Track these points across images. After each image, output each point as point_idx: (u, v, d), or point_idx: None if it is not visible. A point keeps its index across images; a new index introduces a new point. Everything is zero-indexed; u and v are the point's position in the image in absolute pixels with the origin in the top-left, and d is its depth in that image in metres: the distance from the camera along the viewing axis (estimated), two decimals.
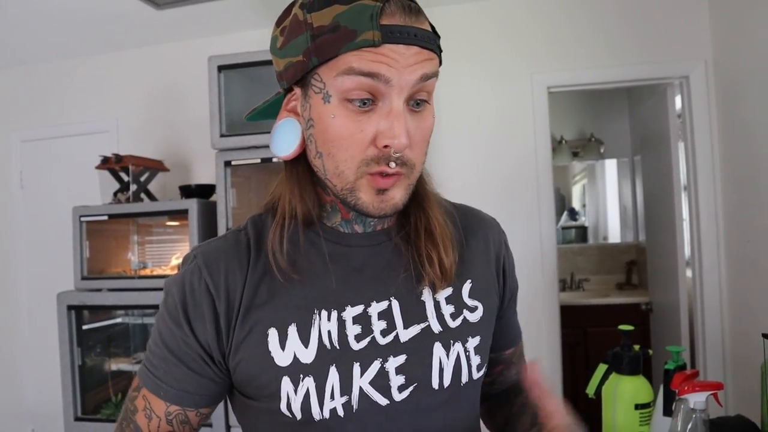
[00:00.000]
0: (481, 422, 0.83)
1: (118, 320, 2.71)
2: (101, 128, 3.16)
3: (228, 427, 2.32)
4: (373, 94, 0.60)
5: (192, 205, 2.38)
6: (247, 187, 2.56)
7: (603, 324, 3.37)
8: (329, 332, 0.65)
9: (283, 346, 0.64)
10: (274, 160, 2.31)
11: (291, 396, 0.63)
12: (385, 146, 0.61)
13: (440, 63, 0.65)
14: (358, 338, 0.66)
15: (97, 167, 2.61)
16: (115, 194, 2.62)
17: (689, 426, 1.06)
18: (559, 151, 4.06)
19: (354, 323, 0.67)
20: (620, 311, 3.37)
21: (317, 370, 0.64)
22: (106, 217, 2.52)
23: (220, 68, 2.38)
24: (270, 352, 0.64)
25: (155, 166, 2.74)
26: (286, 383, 0.63)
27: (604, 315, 3.42)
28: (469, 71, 2.70)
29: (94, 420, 2.49)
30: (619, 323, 1.37)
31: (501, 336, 0.83)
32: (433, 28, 0.64)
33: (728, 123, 2.40)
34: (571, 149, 4.13)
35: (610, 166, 4.14)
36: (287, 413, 0.64)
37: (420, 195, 0.72)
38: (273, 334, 0.65)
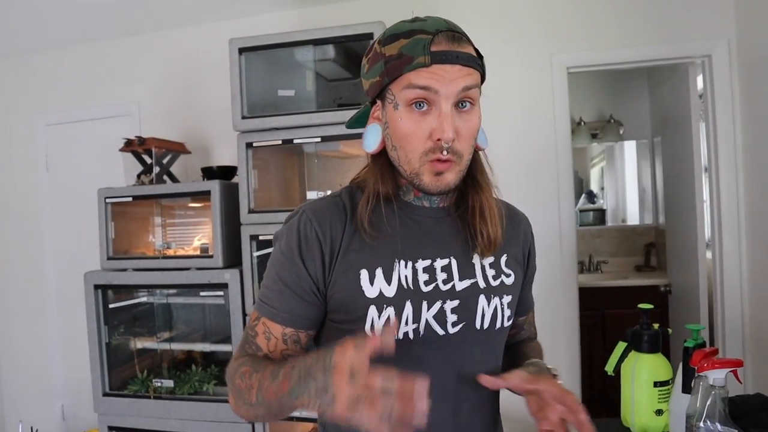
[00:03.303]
0: None
1: (143, 299, 2.77)
2: (123, 111, 3.21)
3: None
4: (427, 100, 0.81)
5: (214, 186, 2.42)
6: (265, 170, 2.59)
7: (621, 306, 3.38)
8: (406, 276, 0.87)
9: (372, 283, 0.86)
10: (296, 141, 2.34)
11: (375, 320, 0.85)
12: (438, 139, 0.81)
13: (483, 78, 0.87)
14: (426, 283, 0.88)
15: (121, 150, 2.66)
16: (139, 176, 2.67)
17: (708, 402, 1.08)
18: (578, 133, 4.03)
19: (423, 272, 0.88)
20: (639, 293, 3.36)
21: (397, 303, 0.85)
22: (130, 199, 2.57)
23: (241, 51, 2.40)
24: (361, 287, 0.86)
25: (177, 149, 2.78)
26: (372, 310, 0.85)
27: (622, 297, 3.42)
28: (487, 52, 2.68)
29: (121, 396, 2.56)
30: (637, 305, 1.38)
31: (519, 305, 1.03)
32: (477, 51, 0.86)
33: (751, 103, 2.37)
34: (590, 131, 4.10)
35: (630, 147, 4.10)
36: (369, 333, 0.84)
37: (478, 182, 0.93)
38: (364, 274, 0.86)
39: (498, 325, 0.92)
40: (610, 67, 2.70)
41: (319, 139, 2.32)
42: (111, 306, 2.64)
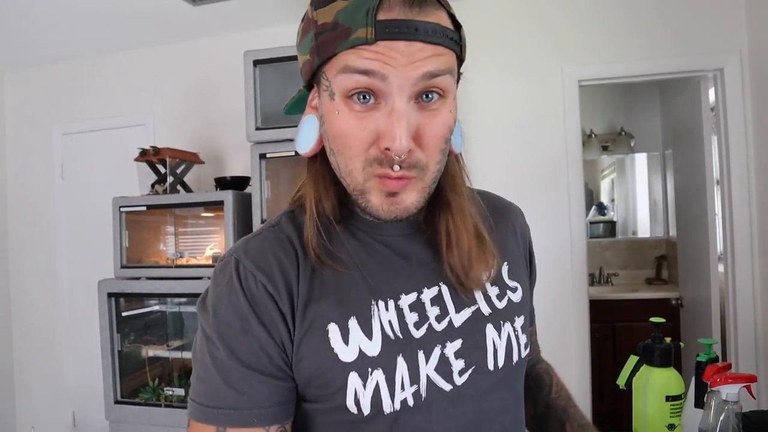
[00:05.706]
0: None
1: (155, 308, 2.80)
2: (138, 122, 3.25)
3: None
4: (373, 90, 0.57)
5: (228, 196, 2.44)
6: (278, 180, 2.61)
7: (632, 319, 3.36)
8: (390, 322, 0.63)
9: (346, 341, 0.61)
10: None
11: (359, 391, 0.61)
12: (387, 149, 0.57)
13: (462, 56, 0.62)
14: (417, 326, 0.64)
15: (136, 159, 2.69)
16: (153, 186, 2.70)
17: (721, 418, 1.07)
18: (589, 145, 4.03)
19: (411, 311, 0.65)
20: (650, 306, 3.35)
21: (386, 362, 0.62)
22: (144, 208, 2.60)
23: (256, 63, 2.43)
24: (333, 349, 0.61)
25: (191, 159, 2.81)
26: (353, 378, 0.61)
27: (633, 310, 3.40)
28: (498, 65, 2.70)
29: (133, 404, 2.58)
30: (648, 318, 1.38)
31: None
32: (452, 17, 0.60)
33: (763, 116, 2.36)
34: (600, 143, 4.10)
35: (640, 160, 4.09)
36: (353, 409, 0.61)
37: (446, 200, 0.68)
38: (334, 330, 0.62)
39: (516, 357, 0.69)
40: (621, 80, 2.70)
41: None
42: (123, 314, 2.66)
